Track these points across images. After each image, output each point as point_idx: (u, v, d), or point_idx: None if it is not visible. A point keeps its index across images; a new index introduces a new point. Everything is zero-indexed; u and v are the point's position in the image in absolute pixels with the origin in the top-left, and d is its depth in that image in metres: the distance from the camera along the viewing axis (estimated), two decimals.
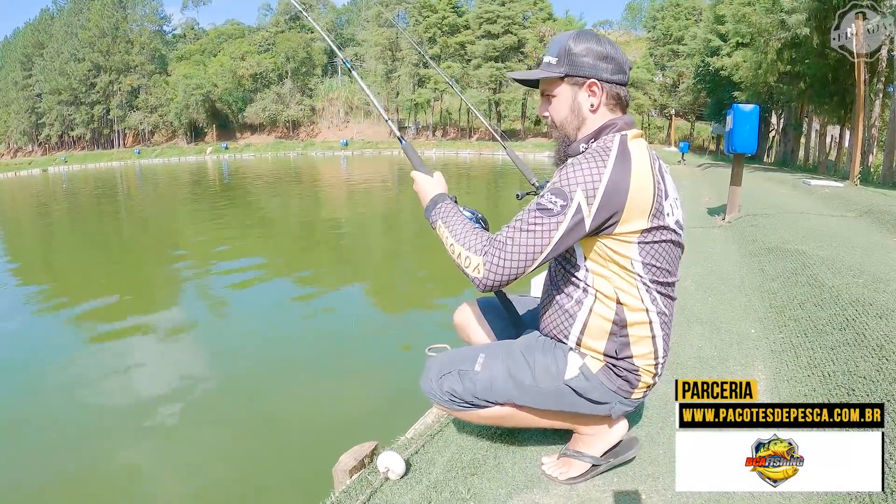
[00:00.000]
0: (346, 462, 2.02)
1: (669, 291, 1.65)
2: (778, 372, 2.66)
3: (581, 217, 1.46)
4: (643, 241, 1.53)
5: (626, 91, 1.66)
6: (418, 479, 1.90)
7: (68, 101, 70.45)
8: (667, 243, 1.58)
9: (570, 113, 1.65)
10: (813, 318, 3.19)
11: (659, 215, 1.53)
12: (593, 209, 1.46)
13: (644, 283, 1.58)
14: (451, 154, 53.27)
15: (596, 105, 1.62)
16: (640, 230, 1.52)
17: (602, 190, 1.45)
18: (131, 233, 17.01)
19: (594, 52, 1.59)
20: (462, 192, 22.80)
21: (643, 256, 1.55)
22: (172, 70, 74.55)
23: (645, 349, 1.64)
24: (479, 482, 1.89)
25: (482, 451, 2.06)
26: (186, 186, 31.93)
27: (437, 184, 1.83)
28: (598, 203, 1.46)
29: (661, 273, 1.59)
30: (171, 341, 6.96)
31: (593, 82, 1.60)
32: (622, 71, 1.62)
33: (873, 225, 6.69)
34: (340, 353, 6.31)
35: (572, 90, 1.63)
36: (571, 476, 1.85)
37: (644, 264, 1.56)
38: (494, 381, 1.76)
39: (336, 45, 2.47)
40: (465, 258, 1.58)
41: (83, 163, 63.79)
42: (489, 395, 1.77)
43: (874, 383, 2.28)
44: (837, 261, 4.36)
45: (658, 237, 1.55)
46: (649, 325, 1.62)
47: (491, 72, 55.60)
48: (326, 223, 16.47)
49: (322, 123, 72.19)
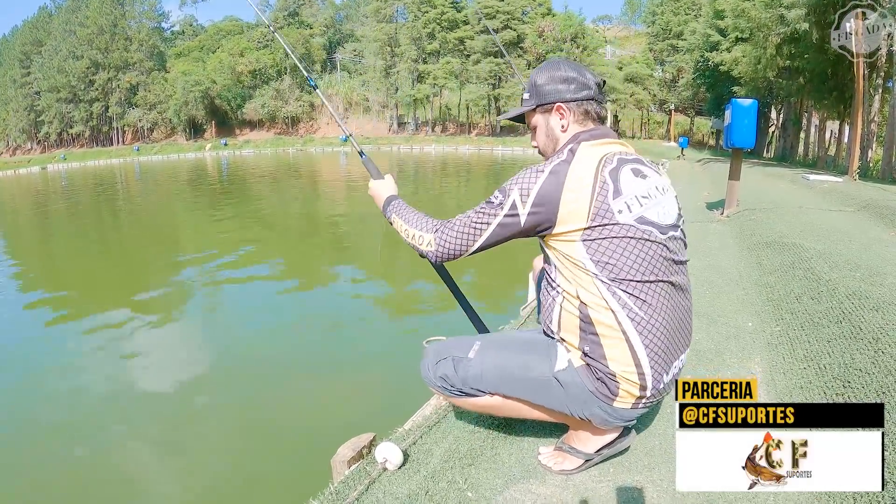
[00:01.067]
0: (345, 453, 2.04)
1: (644, 294, 1.64)
2: (774, 364, 2.67)
3: (515, 213, 1.66)
4: (587, 238, 1.62)
5: (597, 104, 1.82)
6: (416, 470, 1.92)
7: (67, 98, 70.30)
8: (622, 240, 1.62)
9: (546, 138, 1.86)
10: (810, 312, 3.20)
11: (604, 214, 1.61)
12: (527, 208, 1.64)
13: (602, 280, 1.63)
14: (451, 150, 53.21)
15: (566, 125, 1.81)
16: (579, 229, 1.62)
17: (535, 192, 1.63)
18: (130, 229, 17.02)
19: (556, 78, 1.80)
20: (461, 188, 22.83)
21: (591, 254, 1.62)
22: (171, 67, 74.41)
23: (619, 353, 1.65)
24: (476, 472, 1.92)
25: (479, 442, 2.08)
26: (186, 183, 31.92)
27: (388, 187, 2.17)
28: (531, 203, 1.63)
29: (622, 271, 1.62)
30: (169, 335, 6.98)
31: (559, 105, 1.79)
32: (586, 87, 1.79)
33: (872, 219, 6.70)
34: (339, 347, 6.35)
35: (545, 117, 1.85)
36: (565, 468, 1.89)
37: (595, 262, 1.62)
38: (485, 370, 1.81)
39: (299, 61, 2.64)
40: (419, 237, 1.85)
41: (82, 160, 63.66)
42: (479, 384, 1.83)
43: (870, 375, 2.30)
44: (835, 255, 4.37)
45: (605, 234, 1.61)
46: (619, 327, 1.63)
47: (490, 67, 55.51)
48: (326, 218, 16.49)
49: (321, 119, 72.05)
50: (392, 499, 1.77)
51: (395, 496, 1.78)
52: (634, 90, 50.05)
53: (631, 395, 1.68)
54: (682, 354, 1.77)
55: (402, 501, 1.75)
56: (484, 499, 1.79)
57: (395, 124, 66.78)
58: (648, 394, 1.69)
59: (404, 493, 1.79)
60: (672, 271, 1.70)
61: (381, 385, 5.34)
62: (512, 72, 55.59)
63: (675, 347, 1.71)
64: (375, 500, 1.77)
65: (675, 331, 1.70)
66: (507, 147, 50.25)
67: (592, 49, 56.48)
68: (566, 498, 1.77)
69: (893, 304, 2.99)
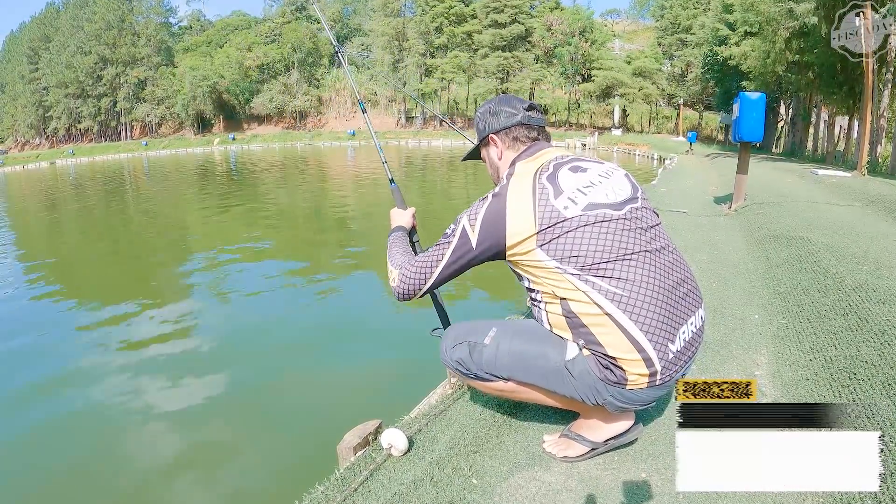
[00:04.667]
0: (351, 440, 2.05)
1: (618, 272, 1.63)
2: (780, 356, 2.67)
3: (466, 239, 1.74)
4: (542, 242, 1.66)
5: (527, 130, 1.93)
6: (421, 456, 1.94)
7: (75, 94, 70.70)
8: (576, 231, 1.65)
9: (491, 168, 2.04)
10: (816, 304, 3.19)
11: (550, 215, 1.66)
12: (476, 231, 1.72)
13: (570, 273, 1.64)
14: (459, 144, 53.16)
15: (499, 153, 1.96)
16: (531, 236, 1.67)
17: (482, 215, 1.72)
18: (139, 222, 17.07)
19: (486, 113, 1.98)
20: (469, 182, 22.81)
21: (552, 255, 1.66)
22: (179, 62, 74.62)
23: (613, 338, 1.63)
24: (482, 459, 1.93)
25: (485, 430, 2.09)
26: (194, 177, 32.02)
27: (402, 218, 2.32)
28: (479, 225, 1.72)
29: (587, 258, 1.63)
30: (178, 323, 6.99)
31: (491, 137, 1.97)
32: (512, 115, 1.93)
33: (879, 214, 6.67)
34: (346, 336, 6.36)
35: (485, 151, 2.04)
36: (568, 455, 1.90)
37: (559, 259, 1.65)
38: (499, 356, 1.83)
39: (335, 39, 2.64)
40: (391, 272, 1.96)
41: (91, 155, 63.88)
42: (493, 369, 1.85)
43: (876, 367, 2.29)
44: (842, 248, 4.35)
45: (558, 232, 1.65)
46: (603, 312, 1.62)
47: (498, 61, 55.39)
48: (334, 211, 16.52)
49: (329, 114, 72.22)
50: (397, 484, 1.78)
51: (400, 482, 1.80)
52: (643, 84, 49.88)
53: (640, 375, 1.65)
54: (689, 317, 1.74)
55: (407, 487, 1.76)
56: (488, 485, 1.80)
57: (402, 118, 66.80)
58: (659, 368, 1.65)
59: (409, 479, 1.80)
60: (644, 240, 1.69)
61: (387, 373, 5.35)
62: (521, 66, 55.49)
63: (674, 312, 1.68)
64: (380, 486, 1.79)
65: (667, 295, 1.67)
66: None
67: (601, 43, 56.36)
68: (571, 485, 1.78)
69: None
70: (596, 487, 1.77)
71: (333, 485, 1.81)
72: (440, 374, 2.57)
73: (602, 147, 41.70)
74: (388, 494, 1.74)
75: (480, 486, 1.79)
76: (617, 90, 51.21)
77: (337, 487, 1.80)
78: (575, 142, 44.24)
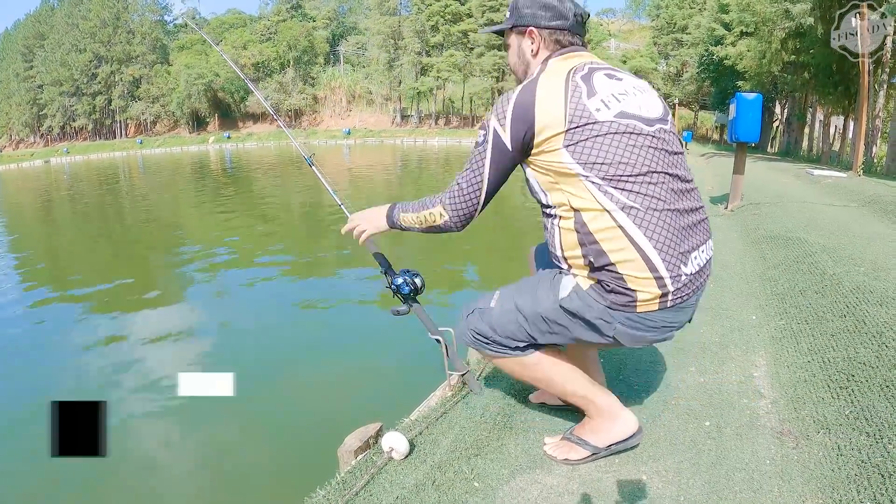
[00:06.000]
0: (351, 443, 2.06)
1: (639, 187, 1.60)
2: (778, 357, 2.68)
3: (499, 138, 1.68)
4: (569, 143, 1.61)
5: (572, 36, 1.82)
6: (422, 460, 1.94)
7: (70, 92, 70.47)
8: (605, 136, 1.59)
9: (517, 59, 1.90)
10: (814, 306, 3.21)
11: (581, 114, 1.60)
12: (507, 128, 1.65)
13: (592, 182, 1.60)
14: (455, 143, 53.14)
15: (535, 50, 1.84)
16: (559, 133, 1.61)
17: (510, 111, 1.65)
18: (135, 222, 17.02)
19: (535, 4, 1.81)
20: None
21: (577, 157, 1.60)
22: (174, 60, 74.45)
23: (625, 255, 1.60)
24: (483, 462, 1.93)
25: (485, 433, 2.10)
26: (190, 176, 31.95)
27: (373, 210, 2.13)
28: (509, 122, 1.65)
29: (611, 168, 1.58)
30: (174, 325, 6.98)
31: (531, 30, 1.82)
32: (562, 17, 1.80)
33: (875, 215, 6.70)
34: (343, 336, 6.36)
35: (518, 39, 1.87)
36: (570, 458, 1.90)
37: (582, 164, 1.60)
38: (505, 312, 1.82)
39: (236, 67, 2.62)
40: (431, 215, 1.87)
41: (85, 153, 63.67)
42: (504, 329, 1.82)
43: (873, 369, 2.31)
44: (839, 249, 4.37)
45: (587, 134, 1.59)
46: (617, 226, 1.59)
47: (494, 60, 55.35)
48: (330, 210, 16.49)
49: (324, 112, 72.12)
50: (399, 488, 1.78)
51: (401, 486, 1.80)
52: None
53: (652, 294, 1.62)
54: (701, 245, 1.71)
55: (408, 491, 1.76)
56: (490, 488, 1.80)
57: (398, 117, 66.74)
58: (671, 288, 1.62)
59: (411, 483, 1.80)
60: (668, 162, 1.66)
61: (385, 375, 5.34)
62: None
63: (688, 236, 1.66)
64: (382, 490, 1.79)
65: (683, 219, 1.65)
66: None
67: (596, 42, 56.44)
68: (572, 488, 1.78)
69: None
70: (597, 490, 1.77)
71: (334, 489, 1.81)
72: (439, 376, 2.57)
73: None
74: (390, 498, 1.74)
75: (482, 490, 1.79)
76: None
77: (338, 491, 1.79)
78: None
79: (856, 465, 1.78)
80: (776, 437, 2.02)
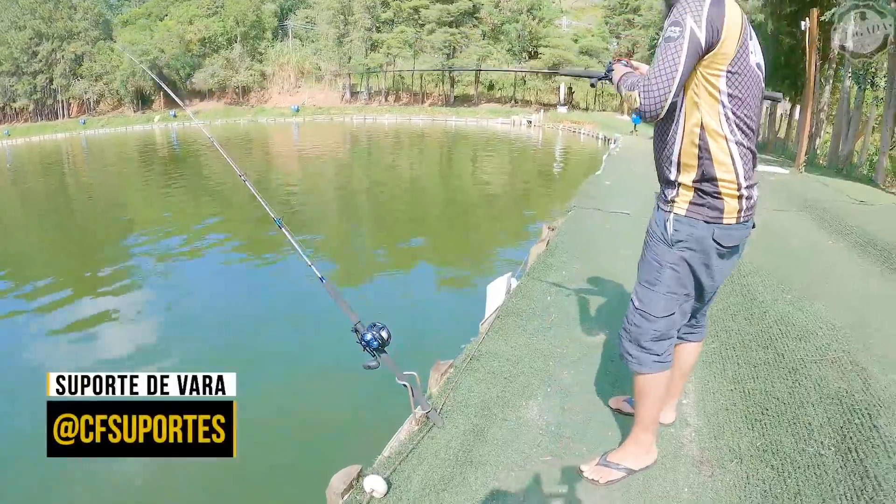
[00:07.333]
0: (337, 486, 2.40)
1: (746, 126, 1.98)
2: (706, 385, 3.05)
3: (695, 35, 1.85)
4: (731, 70, 1.91)
5: None
6: (399, 497, 2.33)
7: (9, 71, 67.36)
8: (749, 79, 1.95)
9: None
10: (742, 332, 3.60)
11: (743, 51, 1.91)
12: (702, 28, 1.84)
13: (726, 113, 1.96)
14: (405, 120, 52.93)
15: None
16: (730, 56, 1.89)
17: (706, 13, 1.84)
18: (82, 211, 16.74)
19: None
20: (415, 159, 22.96)
21: (729, 87, 1.93)
22: (117, 36, 72.01)
23: (727, 175, 2.01)
24: (449, 497, 2.33)
25: (449, 469, 2.48)
26: (135, 158, 31.31)
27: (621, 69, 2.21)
28: (705, 23, 1.84)
29: (743, 106, 1.96)
30: (138, 330, 6.99)
31: None
32: None
33: (813, 222, 7.18)
34: (301, 343, 6.51)
35: None
36: (612, 480, 2.35)
37: (730, 96, 1.94)
38: (645, 293, 2.24)
39: None
40: (629, 97, 1.97)
41: (27, 136, 61.41)
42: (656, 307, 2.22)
43: (785, 405, 2.69)
44: (771, 272, 4.77)
45: (741, 70, 1.92)
46: (729, 153, 1.99)
47: (445, 37, 55.08)
48: (280, 191, 16.42)
49: (272, 89, 70.67)
50: None
51: None
52: (589, 63, 50.24)
53: (734, 209, 2.04)
54: None
55: None
56: None
57: (347, 93, 66.01)
58: (744, 206, 2.05)
59: None
60: (759, 114, 2.09)
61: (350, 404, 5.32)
62: (467, 42, 55.34)
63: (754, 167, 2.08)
64: None
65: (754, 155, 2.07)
66: (461, 117, 50.00)
67: (548, 20, 56.47)
68: None
69: (814, 332, 3.42)
70: None
71: None
72: (404, 408, 2.85)
73: (548, 125, 42.07)
74: None
75: None
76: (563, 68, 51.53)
77: None
78: (521, 118, 44.75)
79: (759, 496, 2.16)
80: (696, 465, 2.40)
